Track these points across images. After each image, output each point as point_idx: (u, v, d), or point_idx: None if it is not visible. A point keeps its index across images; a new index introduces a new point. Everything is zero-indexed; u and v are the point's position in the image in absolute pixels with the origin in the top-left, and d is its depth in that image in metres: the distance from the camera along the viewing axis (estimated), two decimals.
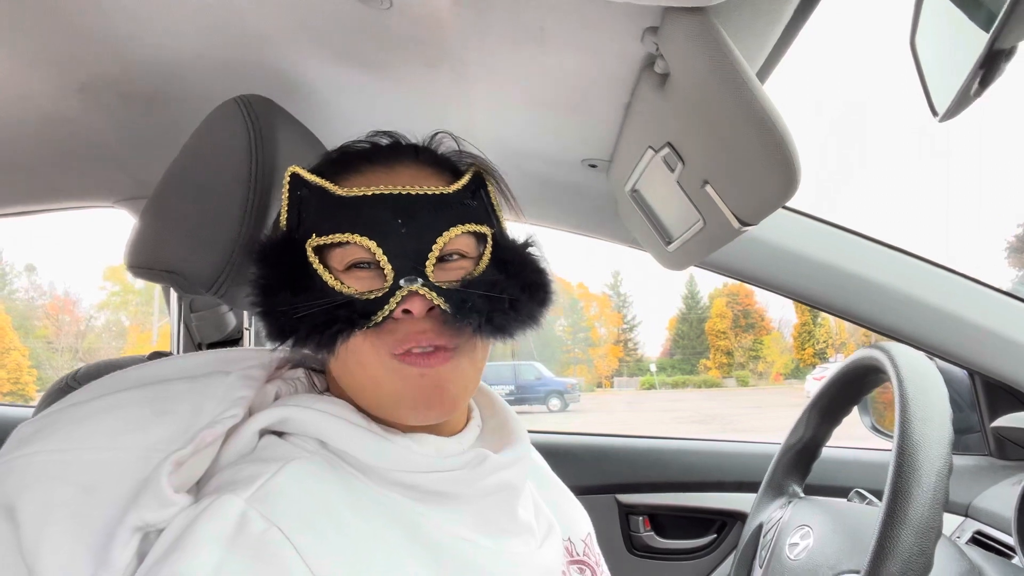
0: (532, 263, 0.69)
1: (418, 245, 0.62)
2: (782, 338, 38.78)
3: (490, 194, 0.71)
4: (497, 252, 0.67)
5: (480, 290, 0.62)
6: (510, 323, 0.64)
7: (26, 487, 0.58)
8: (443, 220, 0.64)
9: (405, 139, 0.73)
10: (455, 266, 0.65)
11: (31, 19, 0.82)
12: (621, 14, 0.69)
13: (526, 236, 0.71)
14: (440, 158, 0.71)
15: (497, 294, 0.63)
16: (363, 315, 0.60)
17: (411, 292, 0.60)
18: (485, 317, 0.62)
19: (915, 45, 0.66)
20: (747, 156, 0.67)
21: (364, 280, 0.63)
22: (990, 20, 0.47)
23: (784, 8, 0.69)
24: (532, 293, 0.67)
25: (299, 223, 0.66)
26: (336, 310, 0.60)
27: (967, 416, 1.48)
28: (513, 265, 0.67)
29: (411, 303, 0.61)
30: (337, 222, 0.63)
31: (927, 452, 0.71)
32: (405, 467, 0.62)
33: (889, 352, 0.86)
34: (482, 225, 0.67)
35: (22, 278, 34.19)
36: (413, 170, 0.68)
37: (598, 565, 0.80)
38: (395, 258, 0.62)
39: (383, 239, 0.62)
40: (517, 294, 0.65)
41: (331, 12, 0.77)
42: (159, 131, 1.08)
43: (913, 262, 1.33)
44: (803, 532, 0.99)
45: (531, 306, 0.66)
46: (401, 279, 0.61)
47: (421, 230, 0.63)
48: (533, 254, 0.70)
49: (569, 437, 1.78)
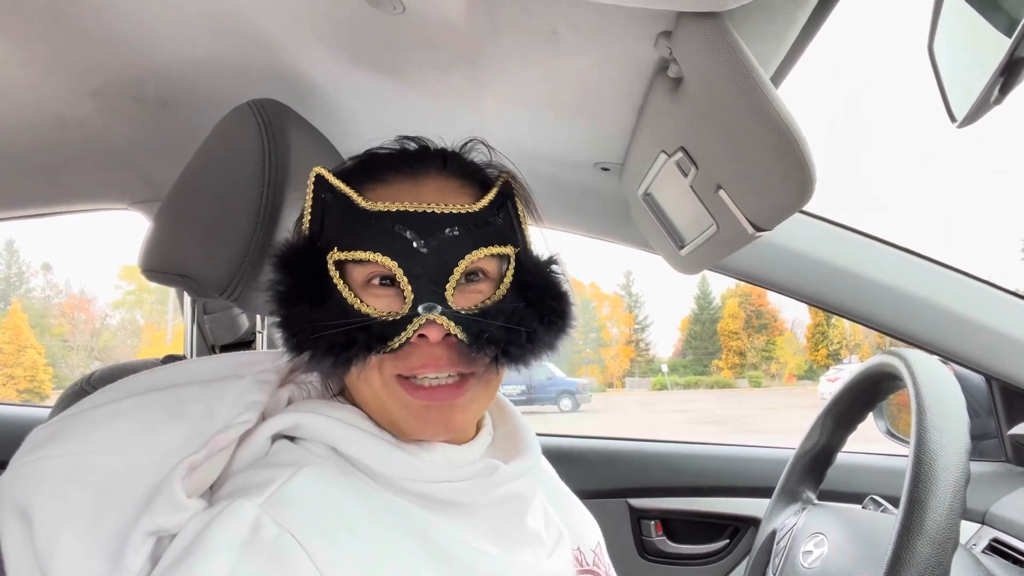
0: (554, 287, 0.68)
1: (439, 267, 0.62)
2: (795, 339, 38.53)
3: (517, 208, 0.69)
4: (519, 274, 0.66)
5: (499, 320, 0.62)
6: (526, 355, 0.64)
7: (41, 490, 0.58)
8: (467, 241, 0.63)
9: (433, 145, 0.71)
10: (476, 288, 0.65)
11: (46, 25, 0.82)
12: (634, 18, 0.68)
13: (550, 254, 0.70)
14: (468, 168, 0.70)
15: (515, 325, 0.62)
16: (380, 339, 0.60)
17: (429, 320, 0.60)
18: (502, 350, 0.62)
19: (933, 50, 0.65)
20: (761, 161, 0.66)
21: (383, 299, 0.62)
22: (1012, 26, 0.46)
23: (798, 12, 0.69)
24: (551, 323, 0.66)
25: (321, 230, 0.65)
26: (354, 332, 0.60)
27: (984, 422, 1.46)
28: (535, 289, 0.66)
29: (428, 330, 0.60)
30: (359, 238, 0.62)
31: (944, 462, 0.71)
32: (415, 476, 0.62)
33: (906, 359, 0.85)
34: (506, 246, 0.66)
35: (39, 277, 34.61)
36: (440, 182, 0.66)
37: (608, 575, 0.80)
38: (415, 280, 0.61)
39: (404, 259, 0.61)
40: (535, 326, 0.64)
41: (343, 16, 0.77)
42: (173, 135, 1.09)
43: (928, 265, 1.32)
44: (817, 540, 0.98)
45: (549, 337, 0.66)
46: (420, 306, 0.60)
47: (443, 251, 0.62)
48: (555, 274, 0.69)
49: (580, 441, 1.77)
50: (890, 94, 79.73)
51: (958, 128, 0.59)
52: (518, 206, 0.69)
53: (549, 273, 0.68)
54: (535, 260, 0.69)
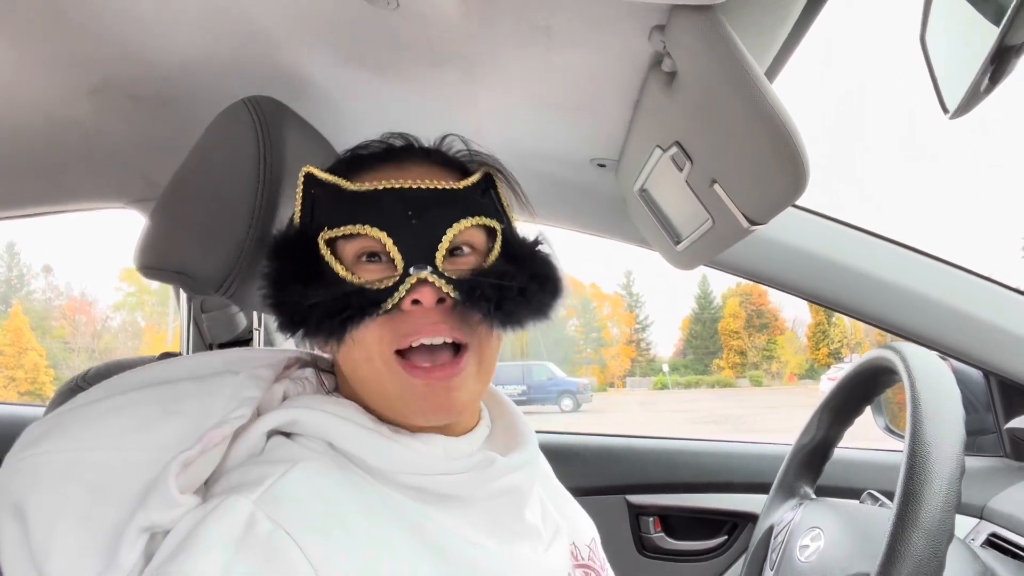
0: (541, 257, 0.69)
1: (428, 236, 0.63)
2: (796, 338, 38.55)
3: (500, 194, 0.71)
4: (506, 247, 0.68)
5: (490, 279, 0.63)
6: (520, 311, 0.64)
7: (35, 487, 0.58)
8: (453, 213, 0.65)
9: (418, 141, 0.73)
10: (465, 260, 0.66)
11: (42, 23, 0.82)
12: (628, 13, 0.68)
13: (535, 235, 0.72)
14: (451, 159, 0.72)
15: (507, 283, 0.63)
16: (373, 303, 0.61)
17: (421, 281, 0.61)
18: (495, 304, 0.62)
19: (925, 41, 0.66)
20: (755, 155, 0.66)
21: (375, 271, 0.63)
22: (1000, 15, 0.46)
23: (792, 6, 0.69)
24: (542, 283, 0.67)
25: (312, 219, 0.66)
26: (347, 298, 0.61)
27: (982, 417, 1.46)
28: (522, 259, 0.67)
29: (421, 292, 0.61)
30: (348, 215, 0.64)
31: (939, 453, 0.71)
32: (412, 469, 0.62)
33: (901, 352, 0.86)
34: (492, 219, 0.67)
35: (39, 279, 34.62)
36: (424, 168, 0.68)
37: (603, 570, 0.80)
38: (405, 248, 0.62)
39: (393, 230, 0.62)
40: (527, 283, 0.65)
41: (339, 13, 0.77)
42: (169, 133, 1.09)
43: (926, 261, 1.32)
44: (814, 534, 0.98)
45: (541, 296, 0.66)
46: (411, 267, 0.61)
47: (431, 222, 0.63)
48: (542, 250, 0.70)
49: (579, 437, 1.77)
50: (885, 89, 79.77)
51: (951, 119, 0.59)
52: (501, 195, 0.71)
53: (535, 248, 0.70)
54: (521, 237, 0.70)
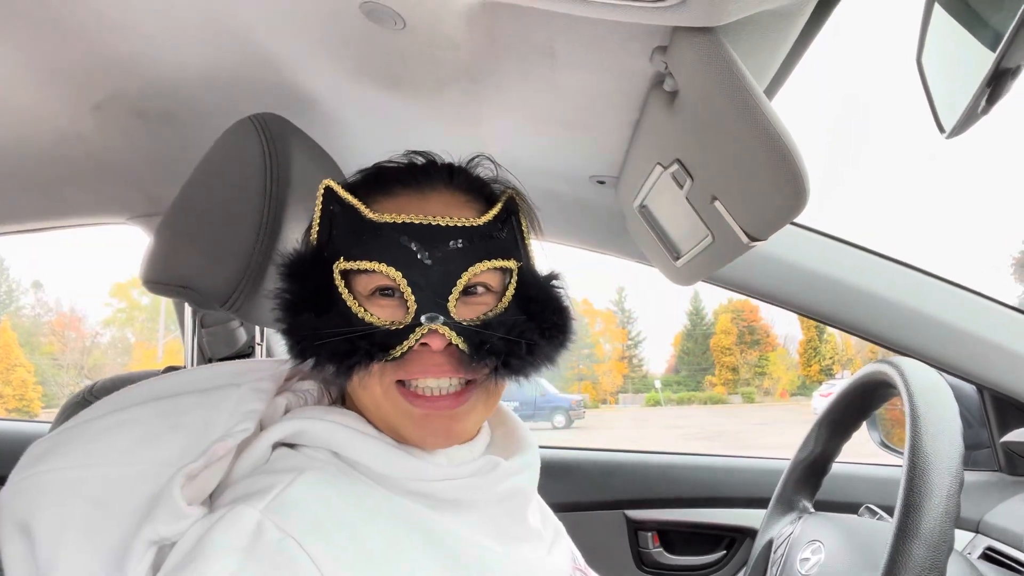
0: (555, 302, 0.69)
1: (443, 278, 0.63)
2: (788, 354, 38.53)
3: (521, 223, 0.70)
4: (521, 288, 0.67)
5: (500, 332, 0.63)
6: (526, 367, 0.65)
7: (41, 505, 0.59)
8: (470, 254, 0.64)
9: (441, 159, 0.72)
10: (478, 300, 0.66)
11: (47, 39, 0.83)
12: (630, 34, 0.70)
13: (551, 270, 0.71)
14: (474, 183, 0.71)
15: (516, 337, 0.63)
16: (382, 348, 0.61)
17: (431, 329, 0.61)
18: (502, 361, 0.63)
19: (922, 63, 0.67)
20: (756, 172, 0.67)
21: (387, 309, 0.63)
22: (997, 39, 0.48)
23: (791, 27, 0.70)
24: (551, 337, 0.67)
25: (329, 240, 0.66)
26: (357, 340, 0.61)
27: (977, 432, 1.47)
28: (536, 303, 0.67)
29: (430, 338, 0.61)
30: (365, 248, 0.64)
31: (938, 466, 0.71)
32: (417, 476, 0.63)
33: (899, 367, 0.86)
34: (508, 260, 0.67)
35: (29, 295, 34.33)
36: (445, 196, 0.68)
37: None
38: (419, 290, 0.62)
39: (408, 270, 0.62)
40: (536, 339, 0.65)
41: (345, 31, 0.78)
42: (173, 149, 1.09)
43: (921, 277, 1.33)
44: (814, 547, 0.99)
45: (549, 350, 0.67)
46: (423, 316, 0.61)
47: (447, 263, 0.63)
48: (557, 290, 0.70)
49: (577, 452, 1.78)
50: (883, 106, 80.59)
51: (947, 139, 0.60)
52: (522, 222, 0.71)
53: (551, 288, 0.69)
54: (537, 275, 0.70)
